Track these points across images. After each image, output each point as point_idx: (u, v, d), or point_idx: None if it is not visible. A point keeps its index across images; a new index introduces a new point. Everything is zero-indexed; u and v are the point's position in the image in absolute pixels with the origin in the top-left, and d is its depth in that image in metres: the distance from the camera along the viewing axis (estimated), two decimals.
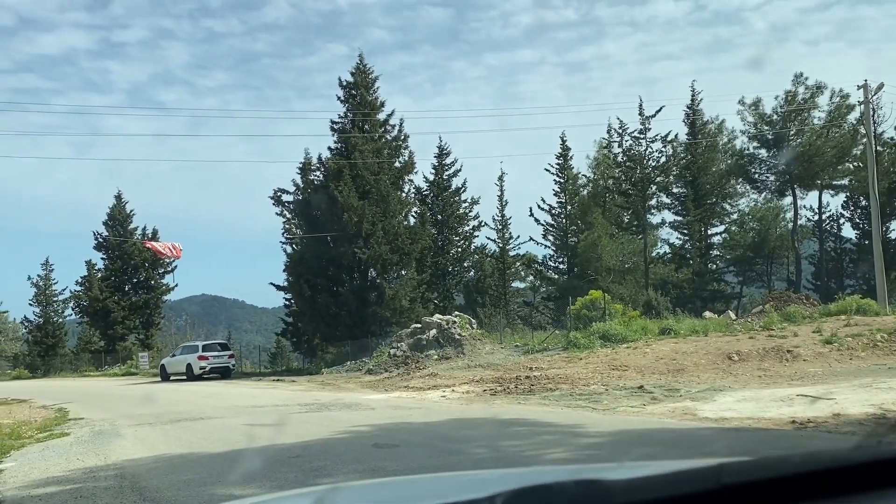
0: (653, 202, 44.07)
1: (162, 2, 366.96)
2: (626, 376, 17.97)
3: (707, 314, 30.39)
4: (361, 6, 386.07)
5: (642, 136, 42.56)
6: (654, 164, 42.98)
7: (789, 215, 45.69)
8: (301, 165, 37.07)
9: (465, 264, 45.68)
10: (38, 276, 55.16)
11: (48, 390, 29.38)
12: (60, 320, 55.63)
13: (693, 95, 44.93)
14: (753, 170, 44.65)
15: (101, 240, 52.35)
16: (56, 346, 53.55)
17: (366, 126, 36.58)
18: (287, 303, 41.11)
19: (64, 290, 55.20)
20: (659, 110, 42.12)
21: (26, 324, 55.25)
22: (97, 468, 9.24)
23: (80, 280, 53.06)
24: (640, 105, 42.28)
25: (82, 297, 52.43)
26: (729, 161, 45.66)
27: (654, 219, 44.62)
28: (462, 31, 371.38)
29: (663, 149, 42.98)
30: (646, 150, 42.78)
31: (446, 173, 44.68)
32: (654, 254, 44.25)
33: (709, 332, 24.07)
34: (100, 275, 52.27)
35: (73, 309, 54.56)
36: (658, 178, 43.29)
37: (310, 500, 2.17)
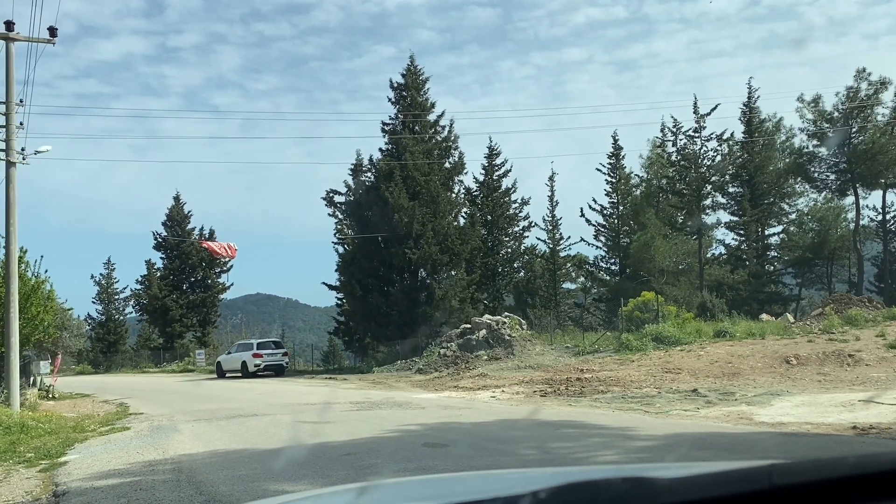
0: (708, 202, 43.17)
1: (215, 7, 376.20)
2: (679, 379, 17.67)
3: (764, 317, 29.66)
4: (408, 7, 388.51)
5: (697, 134, 41.72)
6: (709, 163, 42.10)
7: (851, 215, 44.16)
8: (353, 167, 37.51)
9: (515, 265, 45.47)
10: (101, 274, 57.14)
11: (109, 385, 30.35)
12: (122, 318, 57.41)
13: (749, 92, 43.89)
14: (813, 168, 43.32)
15: (160, 240, 53.82)
16: (117, 342, 55.28)
17: (416, 127, 36.78)
18: (339, 302, 41.60)
19: (125, 288, 57.06)
20: (714, 108, 41.21)
21: (90, 321, 57.21)
22: (156, 462, 9.52)
23: (140, 279, 54.71)
24: (695, 103, 41.46)
25: (142, 295, 53.99)
26: (787, 160, 44.40)
27: (710, 219, 43.73)
28: (509, 30, 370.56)
29: (719, 147, 42.07)
30: (700, 148, 41.94)
31: (496, 174, 44.60)
32: (708, 255, 43.34)
33: (766, 335, 23.49)
34: (159, 274, 53.74)
35: (133, 307, 56.28)
36: (713, 178, 42.37)
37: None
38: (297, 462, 8.83)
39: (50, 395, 24.87)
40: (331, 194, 40.56)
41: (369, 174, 37.29)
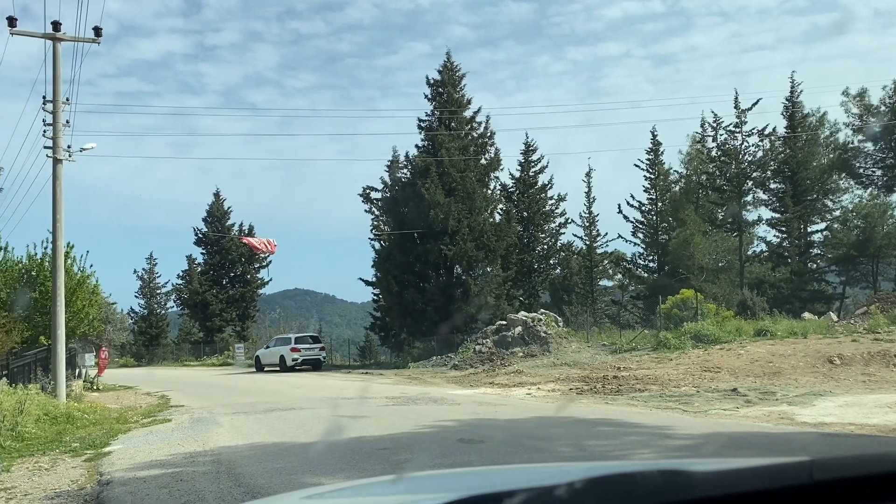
0: (749, 198, 42.40)
1: (251, 6, 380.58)
2: (718, 378, 17.42)
3: (806, 315, 29.06)
4: (442, 4, 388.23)
5: (738, 129, 41.00)
6: (750, 158, 41.33)
7: None
8: (389, 163, 37.68)
9: (552, 262, 45.24)
10: (143, 269, 58.26)
11: (151, 378, 30.98)
12: (163, 312, 58.50)
13: (792, 86, 42.96)
14: (858, 164, 42.24)
15: (200, 235, 54.70)
16: (159, 336, 56.36)
17: (452, 123, 36.79)
18: (375, 298, 41.86)
19: (166, 283, 58.09)
20: (755, 103, 40.47)
21: (132, 315, 58.42)
22: (196, 453, 9.70)
23: (181, 274, 55.69)
24: (736, 97, 40.73)
25: (183, 290, 54.95)
26: (831, 155, 43.35)
27: (750, 216, 42.93)
28: (544, 25, 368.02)
29: (760, 143, 41.28)
30: (742, 144, 41.21)
31: (532, 170, 44.40)
32: (749, 252, 42.59)
33: (808, 334, 23.01)
34: (199, 269, 54.64)
35: (174, 301, 57.29)
36: (755, 174, 41.59)
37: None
38: (334, 456, 8.93)
39: (94, 387, 25.51)
40: (367, 191, 40.84)
41: (405, 170, 37.43)
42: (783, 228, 44.14)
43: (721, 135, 41.77)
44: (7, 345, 16.97)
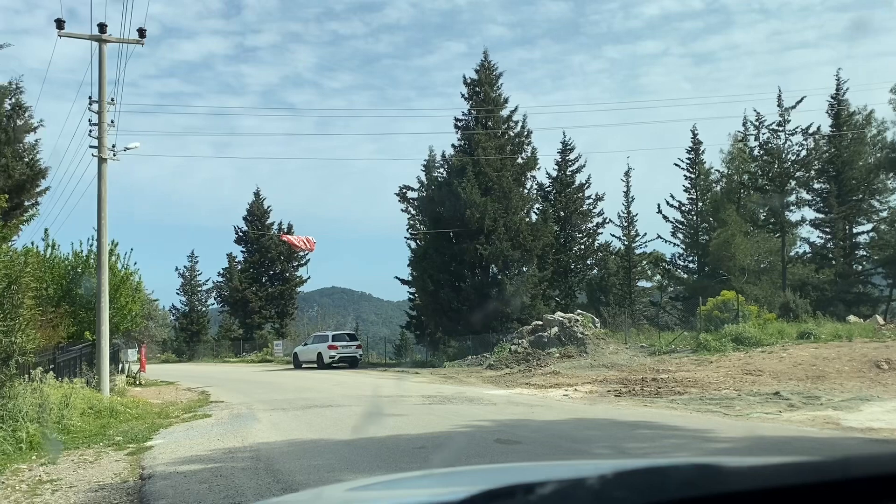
0: (792, 198, 41.48)
1: (290, 7, 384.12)
2: (760, 381, 17.08)
3: (851, 318, 28.33)
4: (480, 3, 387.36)
5: (781, 128, 40.15)
6: (793, 157, 40.44)
7: None
8: (425, 162, 37.71)
9: (589, 262, 44.84)
10: (185, 267, 59.34)
11: (192, 374, 31.52)
12: (204, 309, 59.49)
13: (838, 84, 41.90)
14: None
15: (241, 234, 55.49)
16: (200, 332, 57.33)
17: (489, 123, 36.71)
18: (411, 296, 41.95)
19: (207, 280, 59.08)
20: (800, 101, 39.55)
21: (174, 311, 59.54)
22: (235, 449, 9.82)
23: (221, 271, 56.54)
24: (779, 95, 39.87)
25: (223, 287, 55.82)
26: (878, 154, 42.16)
27: (793, 216, 41.99)
28: (582, 24, 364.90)
29: (804, 142, 40.35)
30: (785, 143, 40.35)
31: (569, 169, 44.07)
32: (792, 253, 41.68)
33: (853, 337, 22.44)
34: (239, 267, 55.43)
35: (215, 298, 58.24)
36: (798, 173, 40.68)
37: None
38: (371, 454, 8.96)
39: (137, 382, 26.04)
40: (404, 190, 40.90)
41: (442, 170, 37.45)
42: (827, 229, 43.08)
43: (763, 133, 40.96)
44: (54, 339, 17.39)
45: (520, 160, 37.04)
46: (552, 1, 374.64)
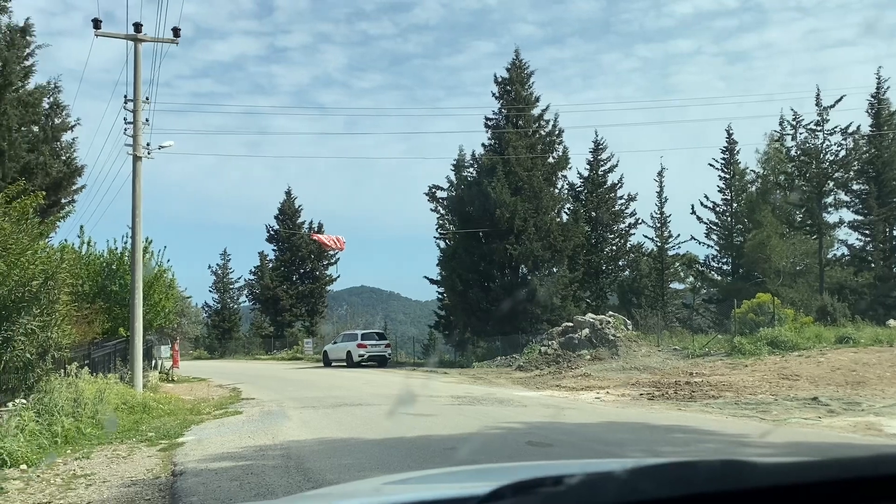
0: (829, 199, 40.61)
1: (321, 7, 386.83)
2: (797, 386, 16.69)
3: (892, 323, 27.60)
4: (510, 3, 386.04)
5: (819, 128, 39.33)
6: (832, 158, 39.58)
7: None
8: (455, 162, 37.62)
9: (620, 263, 44.36)
10: (217, 265, 59.96)
11: (223, 370, 31.81)
12: (236, 306, 60.07)
13: (878, 83, 40.91)
14: None
15: (272, 232, 55.94)
16: (231, 330, 57.92)
17: (520, 122, 36.49)
18: (440, 296, 41.88)
19: (239, 278, 59.64)
20: (839, 100, 38.65)
21: (206, 309, 60.24)
22: (266, 447, 9.82)
23: (253, 270, 57.06)
24: (818, 94, 39.04)
25: (255, 285, 56.30)
26: None
27: (831, 218, 41.11)
28: (613, 22, 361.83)
29: (843, 142, 39.45)
30: (823, 142, 39.50)
31: (601, 169, 43.65)
32: (829, 255, 40.81)
33: (894, 342, 21.87)
34: (271, 265, 55.88)
35: (246, 296, 58.77)
36: (836, 174, 39.80)
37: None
38: (402, 454, 8.89)
39: (169, 378, 26.33)
40: (433, 189, 40.83)
41: (471, 169, 37.31)
42: (866, 231, 42.10)
43: (801, 133, 40.16)
44: (89, 335, 17.63)
45: (551, 159, 36.77)
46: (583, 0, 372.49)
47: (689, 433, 10.48)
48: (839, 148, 39.52)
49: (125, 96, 19.80)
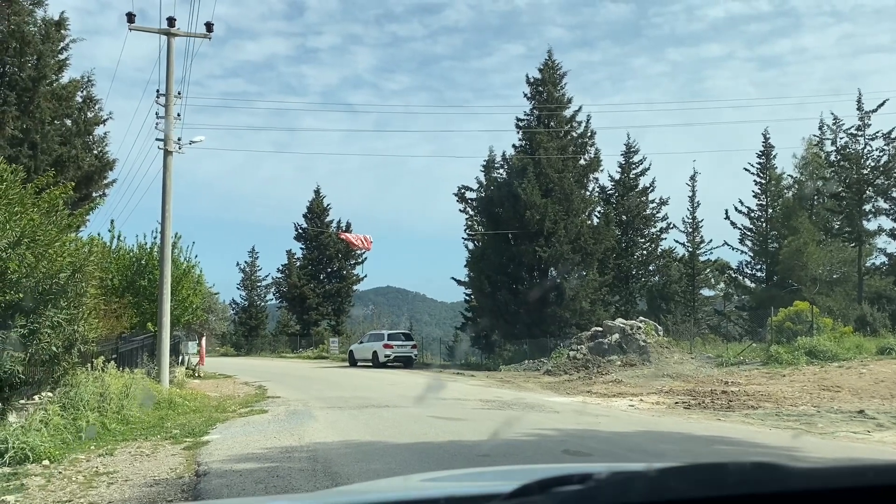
0: (869, 206, 39.53)
1: (351, 9, 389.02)
2: (839, 398, 16.05)
3: None
4: (539, 5, 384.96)
5: (860, 132, 38.30)
6: (872, 164, 38.51)
7: None
8: (485, 163, 37.23)
9: (651, 268, 43.66)
10: (245, 262, 60.18)
11: (249, 368, 31.75)
12: (263, 304, 60.26)
13: None
14: None
15: (300, 231, 56.01)
16: (258, 327, 58.09)
17: (551, 123, 36.01)
18: (467, 298, 41.53)
19: (267, 276, 59.82)
20: (882, 104, 37.65)
21: (234, 306, 60.48)
22: (291, 448, 9.53)
23: (280, 268, 57.18)
24: (859, 98, 38.07)
25: (282, 283, 56.40)
26: None
27: (871, 225, 40.02)
28: (643, 26, 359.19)
29: (885, 147, 38.36)
30: (864, 148, 38.45)
31: (633, 172, 42.97)
32: (868, 264, 39.73)
33: None
34: (298, 263, 55.95)
35: (273, 294, 58.89)
36: (877, 181, 38.73)
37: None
38: (432, 460, 8.54)
39: (196, 374, 26.28)
40: (462, 190, 40.49)
41: (501, 170, 36.91)
42: None
43: (841, 138, 39.14)
44: (117, 329, 17.55)
45: (582, 161, 36.25)
46: (613, 3, 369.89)
47: (734, 445, 10.01)
48: (881, 154, 38.46)
49: (157, 90, 19.75)
